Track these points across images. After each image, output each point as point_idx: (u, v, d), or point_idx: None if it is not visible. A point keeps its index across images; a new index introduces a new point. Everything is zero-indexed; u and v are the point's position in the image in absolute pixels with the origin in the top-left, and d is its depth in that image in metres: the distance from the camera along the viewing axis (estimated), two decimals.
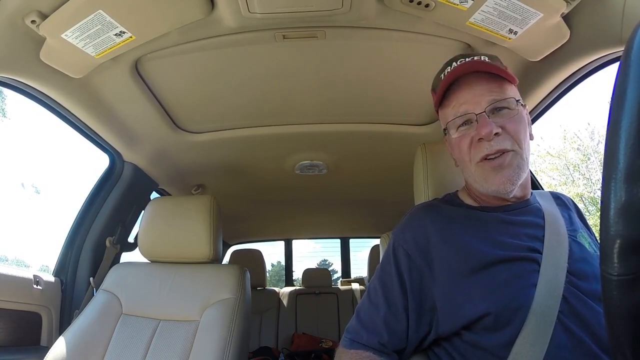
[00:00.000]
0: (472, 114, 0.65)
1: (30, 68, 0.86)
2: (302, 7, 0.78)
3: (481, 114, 0.64)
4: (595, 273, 0.60)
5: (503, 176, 0.64)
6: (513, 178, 0.64)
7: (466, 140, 0.66)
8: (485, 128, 0.63)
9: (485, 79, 0.66)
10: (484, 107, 0.64)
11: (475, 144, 0.65)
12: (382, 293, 0.68)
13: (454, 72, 0.68)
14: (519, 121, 0.66)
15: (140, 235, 1.20)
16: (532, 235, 0.65)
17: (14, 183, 13.71)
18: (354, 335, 0.68)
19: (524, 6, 0.74)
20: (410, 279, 0.66)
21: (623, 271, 0.27)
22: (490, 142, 0.63)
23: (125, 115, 1.16)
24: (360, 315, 0.70)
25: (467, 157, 0.67)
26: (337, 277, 4.11)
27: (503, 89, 0.66)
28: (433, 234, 0.68)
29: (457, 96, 0.67)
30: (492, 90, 0.65)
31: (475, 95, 0.65)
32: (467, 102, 0.66)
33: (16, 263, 8.39)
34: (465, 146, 0.67)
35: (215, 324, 1.01)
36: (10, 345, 1.07)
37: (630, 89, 0.26)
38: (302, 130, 1.32)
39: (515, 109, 0.66)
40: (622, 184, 0.26)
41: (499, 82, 0.66)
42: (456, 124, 0.68)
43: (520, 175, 0.65)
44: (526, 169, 0.66)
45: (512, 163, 0.64)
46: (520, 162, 0.65)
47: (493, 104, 0.65)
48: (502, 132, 0.64)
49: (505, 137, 0.64)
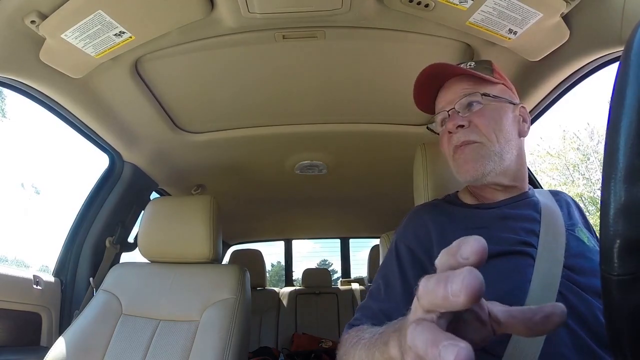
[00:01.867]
0: (445, 111, 0.72)
1: (30, 68, 0.86)
2: (302, 7, 0.78)
3: (451, 109, 0.71)
4: (594, 268, 0.59)
5: (468, 164, 0.68)
6: (477, 165, 0.67)
7: (444, 136, 0.73)
8: (451, 122, 0.70)
9: (465, 80, 0.71)
10: (455, 103, 0.70)
11: (448, 138, 0.72)
12: (384, 288, 0.68)
13: (422, 73, 0.74)
14: (489, 114, 0.69)
15: (140, 236, 1.20)
16: (529, 229, 0.65)
17: (14, 183, 13.70)
18: (354, 321, 0.67)
19: (523, 6, 0.74)
20: (414, 273, 0.66)
21: (623, 271, 0.27)
22: (457, 135, 0.69)
23: (125, 115, 1.16)
24: (360, 310, 0.69)
25: (447, 151, 0.74)
26: (337, 277, 4.11)
27: (478, 87, 0.70)
28: (434, 231, 0.68)
29: (440, 98, 0.75)
30: (465, 88, 0.70)
31: (451, 95, 0.72)
32: (445, 102, 0.73)
33: (16, 263, 8.38)
34: (444, 141, 0.74)
35: (215, 324, 1.01)
36: (10, 345, 1.07)
37: (630, 89, 0.26)
38: (302, 130, 1.32)
39: (486, 103, 0.69)
40: (622, 184, 0.26)
41: (477, 81, 0.71)
42: (437, 121, 0.75)
43: (487, 164, 0.67)
44: (496, 159, 0.68)
45: (476, 154, 0.68)
46: (485, 153, 0.67)
47: (461, 100, 0.70)
48: (469, 124, 0.68)
49: (472, 130, 0.68)
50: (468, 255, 0.27)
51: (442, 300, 0.26)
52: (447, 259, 0.28)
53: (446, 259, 0.28)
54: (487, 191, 0.73)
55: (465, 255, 0.27)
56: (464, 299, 0.24)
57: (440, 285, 0.26)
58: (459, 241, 0.28)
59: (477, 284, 0.24)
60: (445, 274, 0.26)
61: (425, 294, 0.28)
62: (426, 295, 0.27)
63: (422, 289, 0.28)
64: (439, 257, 0.29)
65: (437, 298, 0.26)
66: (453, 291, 0.25)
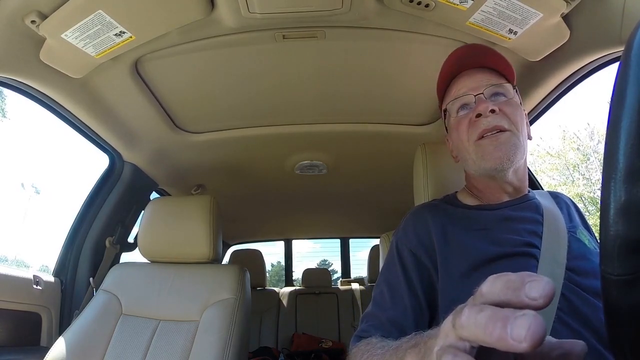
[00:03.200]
0: (470, 95, 0.69)
1: (30, 68, 0.86)
2: (302, 7, 0.78)
3: (479, 94, 0.68)
4: (595, 269, 0.59)
5: (500, 151, 0.65)
6: (510, 154, 0.65)
7: (465, 122, 0.70)
8: (482, 104, 0.67)
9: (487, 72, 0.71)
10: (482, 90, 0.68)
11: (473, 122, 0.68)
12: (389, 295, 0.67)
13: (454, 53, 0.74)
14: (516, 107, 0.69)
15: (140, 236, 1.20)
16: (531, 231, 0.64)
17: (14, 183, 13.70)
18: (361, 333, 0.66)
19: (523, 6, 0.74)
20: (420, 278, 0.65)
21: (623, 271, 0.27)
22: (488, 119, 0.66)
23: (125, 115, 1.16)
24: (367, 319, 0.67)
25: (465, 137, 0.70)
26: (337, 277, 4.11)
27: (502, 80, 0.71)
28: (435, 233, 0.68)
29: (458, 84, 0.72)
30: (490, 78, 0.70)
31: (474, 82, 0.70)
32: (466, 87, 0.71)
33: (16, 263, 8.38)
34: (464, 128, 0.70)
35: (215, 324, 1.01)
36: (10, 345, 1.07)
37: (630, 89, 0.26)
38: (302, 130, 1.32)
39: (513, 98, 0.70)
40: (622, 184, 0.26)
41: (499, 75, 0.71)
42: (455, 106, 0.72)
43: (517, 154, 0.66)
44: (523, 151, 0.68)
45: (510, 141, 0.66)
46: (516, 142, 0.66)
47: (491, 88, 0.69)
48: (499, 112, 0.66)
49: (503, 116, 0.67)
50: (537, 297, 0.23)
51: (497, 340, 0.23)
52: (504, 292, 0.25)
53: (502, 291, 0.25)
54: (494, 191, 0.71)
55: (533, 295, 0.23)
56: (526, 346, 0.22)
57: (497, 324, 0.23)
58: (524, 276, 0.24)
59: (543, 332, 0.22)
60: (503, 312, 0.23)
61: (470, 326, 0.24)
62: (472, 329, 0.24)
63: (466, 320, 0.25)
64: (488, 284, 0.26)
65: (490, 336, 0.23)
66: (515, 336, 0.22)
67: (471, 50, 0.76)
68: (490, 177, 0.69)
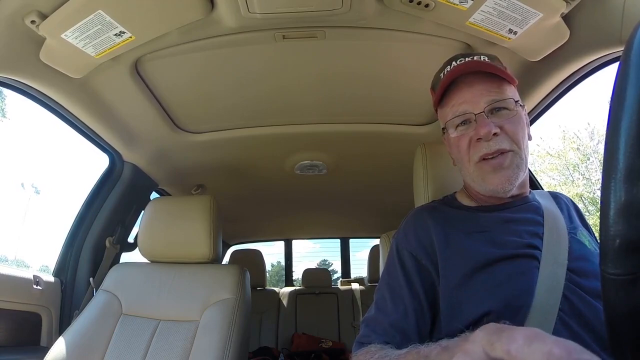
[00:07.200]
0: (470, 114, 0.66)
1: (30, 68, 0.86)
2: (302, 7, 0.78)
3: (480, 114, 0.65)
4: (596, 270, 0.59)
5: (502, 176, 0.64)
6: (512, 178, 0.65)
7: (465, 140, 0.67)
8: (484, 128, 0.63)
9: (485, 78, 0.67)
10: (483, 107, 0.65)
11: (474, 144, 0.66)
12: (391, 298, 0.66)
13: (453, 71, 0.68)
14: (518, 122, 0.66)
15: (140, 236, 1.20)
16: (532, 232, 0.64)
17: (14, 183, 13.71)
18: (362, 338, 0.65)
19: (523, 6, 0.74)
20: (421, 280, 0.65)
21: (623, 271, 0.27)
22: (489, 142, 0.64)
23: (125, 115, 1.16)
24: (368, 323, 0.67)
25: (465, 157, 0.68)
26: (337, 277, 4.11)
27: (502, 89, 0.67)
28: (435, 235, 0.67)
29: (456, 95, 0.68)
30: (491, 90, 0.66)
31: (474, 95, 0.66)
32: (466, 102, 0.66)
33: (16, 263, 8.38)
34: (464, 146, 0.67)
35: (215, 324, 1.01)
36: (10, 345, 1.07)
37: (630, 89, 0.26)
38: (302, 130, 1.32)
39: (514, 110, 0.66)
40: (622, 184, 0.26)
41: (498, 82, 0.67)
42: (455, 123, 0.69)
43: (519, 175, 0.66)
44: (525, 168, 0.67)
45: (512, 163, 0.65)
46: (519, 162, 0.65)
47: (492, 104, 0.65)
48: (500, 132, 0.64)
49: (504, 138, 0.64)
50: None
51: None
52: None
53: None
54: (489, 195, 0.70)
55: None
56: None
57: None
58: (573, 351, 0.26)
59: None
60: None
61: None
62: None
63: None
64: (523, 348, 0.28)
65: None
66: None
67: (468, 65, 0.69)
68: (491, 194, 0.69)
